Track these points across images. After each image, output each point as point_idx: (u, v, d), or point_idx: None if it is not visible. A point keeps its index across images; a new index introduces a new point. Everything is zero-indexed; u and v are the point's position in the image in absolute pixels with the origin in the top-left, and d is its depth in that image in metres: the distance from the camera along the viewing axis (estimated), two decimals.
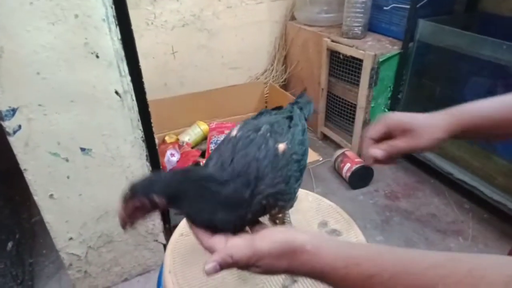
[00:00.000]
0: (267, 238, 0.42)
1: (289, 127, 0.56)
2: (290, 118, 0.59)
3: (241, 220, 0.47)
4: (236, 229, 0.47)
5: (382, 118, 0.56)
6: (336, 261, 0.38)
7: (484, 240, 1.43)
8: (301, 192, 0.86)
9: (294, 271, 0.41)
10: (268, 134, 0.52)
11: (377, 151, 0.54)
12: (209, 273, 0.41)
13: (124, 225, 0.47)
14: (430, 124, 0.53)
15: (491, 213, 1.52)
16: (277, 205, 0.49)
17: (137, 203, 0.45)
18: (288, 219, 0.69)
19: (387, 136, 0.55)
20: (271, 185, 0.48)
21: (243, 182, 0.47)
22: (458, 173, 1.56)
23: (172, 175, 0.48)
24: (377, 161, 0.55)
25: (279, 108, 0.66)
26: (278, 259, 0.40)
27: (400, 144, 0.53)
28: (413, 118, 0.54)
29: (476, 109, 0.54)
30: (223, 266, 0.41)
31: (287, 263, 0.40)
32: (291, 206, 0.55)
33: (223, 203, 0.46)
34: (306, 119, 0.65)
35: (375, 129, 0.56)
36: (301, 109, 0.65)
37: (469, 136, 0.56)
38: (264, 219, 0.72)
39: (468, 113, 0.54)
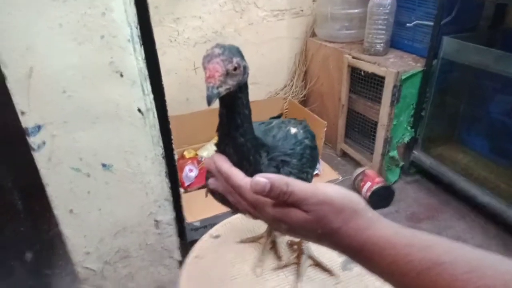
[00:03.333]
0: (332, 187, 0.37)
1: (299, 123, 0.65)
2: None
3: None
4: None
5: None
6: (397, 237, 0.33)
7: None
8: None
9: (343, 236, 0.35)
10: (282, 124, 0.61)
11: None
12: (253, 186, 0.37)
13: (217, 89, 0.41)
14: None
15: None
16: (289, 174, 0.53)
17: (237, 64, 0.42)
18: (306, 248, 0.68)
19: None
20: (284, 154, 0.54)
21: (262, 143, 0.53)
22: (482, 196, 1.50)
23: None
24: None
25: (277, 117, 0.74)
26: (336, 212, 0.35)
27: None
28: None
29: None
30: (275, 191, 0.36)
31: (342, 221, 0.35)
32: None
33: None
34: None
35: None
36: None
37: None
38: (281, 244, 0.71)
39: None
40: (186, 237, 1.33)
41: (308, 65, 2.25)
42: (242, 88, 0.45)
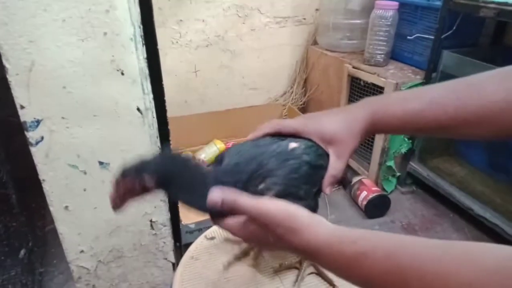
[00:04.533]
0: (273, 202, 0.42)
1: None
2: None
3: None
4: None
5: (303, 121, 0.55)
6: (332, 238, 0.38)
7: None
8: None
9: (286, 243, 0.41)
10: (280, 140, 0.53)
11: (329, 189, 0.54)
12: (210, 202, 0.43)
13: (114, 206, 0.48)
14: (347, 132, 0.52)
15: None
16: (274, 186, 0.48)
17: (128, 184, 0.46)
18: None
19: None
20: (279, 183, 0.48)
21: (233, 171, 0.48)
22: (478, 209, 1.51)
23: (163, 157, 0.51)
24: None
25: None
26: (276, 225, 0.41)
27: (332, 172, 0.53)
28: (333, 129, 0.52)
29: (394, 110, 0.50)
30: (225, 204, 0.43)
31: (283, 232, 0.40)
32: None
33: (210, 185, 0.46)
34: None
35: (294, 128, 0.54)
36: None
37: (385, 133, 0.57)
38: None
39: (383, 112, 0.51)
40: (181, 240, 1.32)
41: (309, 72, 2.26)
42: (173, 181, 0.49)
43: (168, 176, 0.47)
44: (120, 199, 0.47)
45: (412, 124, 0.50)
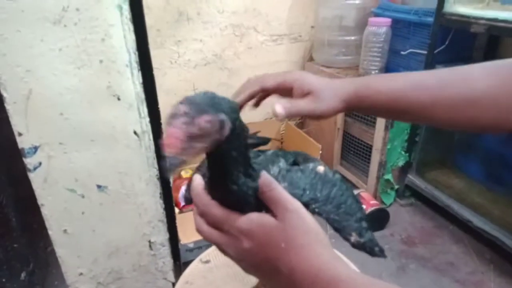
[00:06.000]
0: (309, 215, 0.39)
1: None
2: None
3: None
4: None
5: (284, 73, 0.55)
6: (355, 274, 0.36)
7: None
8: None
9: (297, 255, 0.37)
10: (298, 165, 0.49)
11: (279, 107, 0.50)
12: (265, 180, 0.39)
13: (177, 158, 0.32)
14: (330, 91, 0.51)
15: None
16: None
17: (207, 123, 0.33)
18: None
19: (282, 92, 0.54)
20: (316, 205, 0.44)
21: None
22: (477, 221, 1.51)
23: (231, 102, 0.38)
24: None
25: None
26: (305, 232, 0.37)
27: (301, 104, 0.51)
28: (315, 81, 0.52)
29: (378, 86, 0.51)
30: (272, 190, 0.38)
31: (308, 241, 0.37)
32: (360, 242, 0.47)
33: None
34: None
35: (275, 80, 0.53)
36: None
37: (369, 111, 0.55)
38: None
39: (367, 87, 0.51)
40: (180, 258, 1.33)
41: None
42: (231, 141, 0.37)
43: (234, 130, 0.36)
44: (189, 145, 0.33)
45: (396, 102, 0.50)
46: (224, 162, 0.38)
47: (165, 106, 1.07)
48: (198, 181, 0.42)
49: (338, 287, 0.34)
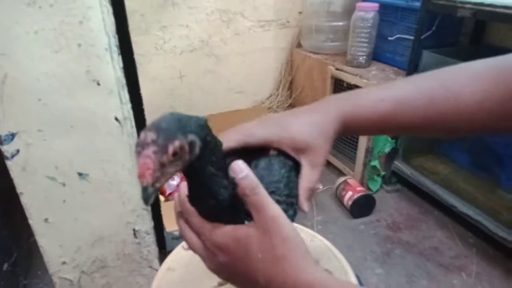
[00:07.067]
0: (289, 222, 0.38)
1: None
2: None
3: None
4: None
5: (267, 129, 0.49)
6: (332, 281, 0.36)
7: (489, 278, 1.38)
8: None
9: (278, 264, 0.36)
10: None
11: (306, 205, 0.48)
12: (236, 167, 0.38)
13: (154, 181, 0.32)
14: (320, 139, 0.48)
15: (497, 250, 1.48)
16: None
17: (177, 149, 0.32)
18: None
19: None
20: (269, 183, 0.44)
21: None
22: (462, 206, 1.53)
23: (197, 120, 0.37)
24: None
25: None
26: (283, 240, 0.37)
27: (310, 178, 0.48)
28: (304, 134, 0.47)
29: (365, 112, 0.48)
30: (248, 182, 0.37)
31: (286, 252, 0.36)
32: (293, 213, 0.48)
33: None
34: None
35: (258, 139, 0.48)
36: None
37: (361, 134, 0.56)
38: None
39: (354, 116, 0.49)
40: (166, 246, 1.32)
41: (294, 75, 2.27)
42: (204, 157, 0.37)
43: (205, 146, 0.36)
44: (162, 173, 0.33)
45: (385, 125, 0.49)
46: (202, 178, 0.38)
47: (150, 94, 1.06)
48: (183, 188, 0.42)
49: None
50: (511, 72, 0.45)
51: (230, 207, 0.39)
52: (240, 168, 0.38)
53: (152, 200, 0.34)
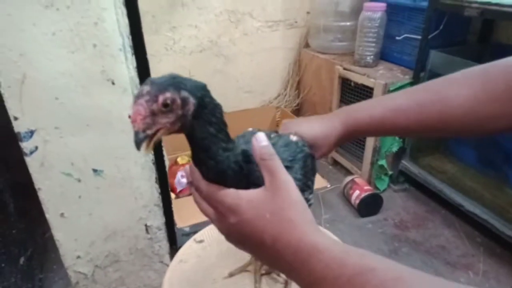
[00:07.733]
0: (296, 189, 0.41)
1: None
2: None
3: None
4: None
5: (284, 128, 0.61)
6: (334, 244, 0.36)
7: (496, 276, 1.39)
8: None
9: (286, 228, 0.38)
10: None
11: None
12: (259, 140, 0.41)
13: (143, 132, 0.36)
14: (323, 140, 0.59)
15: (504, 248, 1.48)
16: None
17: (167, 100, 0.36)
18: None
19: None
20: (285, 160, 0.49)
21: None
22: (469, 205, 1.53)
23: (196, 82, 0.40)
24: None
25: None
26: (293, 203, 0.39)
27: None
28: (309, 134, 0.58)
29: (364, 116, 0.57)
30: (267, 153, 0.40)
31: (293, 216, 0.38)
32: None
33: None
34: None
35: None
36: None
37: (365, 136, 0.62)
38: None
39: (355, 119, 0.58)
40: (177, 242, 1.35)
41: (302, 75, 2.29)
42: (203, 118, 0.40)
43: (204, 107, 0.39)
44: (153, 121, 0.37)
45: (382, 127, 0.56)
46: (202, 139, 0.41)
47: None
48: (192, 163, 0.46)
49: (317, 256, 0.35)
50: (498, 75, 0.48)
51: (233, 173, 0.42)
52: (263, 138, 0.42)
53: (144, 147, 0.37)
